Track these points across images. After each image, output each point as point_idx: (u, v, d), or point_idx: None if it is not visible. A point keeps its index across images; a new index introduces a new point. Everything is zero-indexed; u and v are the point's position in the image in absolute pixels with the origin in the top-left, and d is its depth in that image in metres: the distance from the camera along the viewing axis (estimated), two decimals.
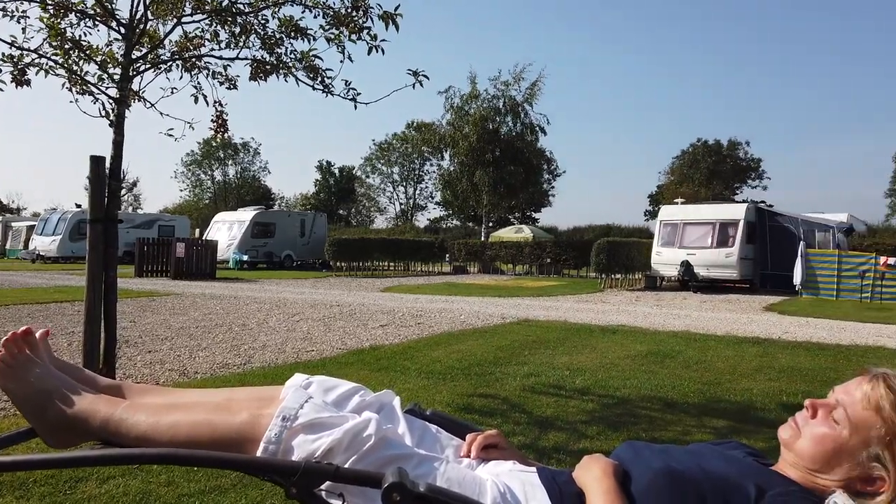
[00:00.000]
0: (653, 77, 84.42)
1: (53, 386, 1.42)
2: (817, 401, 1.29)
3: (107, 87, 4.37)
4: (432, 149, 33.08)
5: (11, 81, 4.23)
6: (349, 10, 4.23)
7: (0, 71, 4.16)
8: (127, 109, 4.37)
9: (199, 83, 4.76)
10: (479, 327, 9.20)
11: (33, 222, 31.47)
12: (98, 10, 4.26)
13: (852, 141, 79.01)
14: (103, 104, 4.40)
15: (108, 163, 4.10)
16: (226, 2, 4.41)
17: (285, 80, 4.61)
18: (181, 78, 4.82)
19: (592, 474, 1.30)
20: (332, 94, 4.35)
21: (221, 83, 4.92)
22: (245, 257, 26.41)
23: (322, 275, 23.85)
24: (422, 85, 4.19)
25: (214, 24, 4.53)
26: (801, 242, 17.59)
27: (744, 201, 20.90)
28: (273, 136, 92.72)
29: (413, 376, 5.69)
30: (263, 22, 4.48)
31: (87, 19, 4.34)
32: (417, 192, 62.33)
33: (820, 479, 1.23)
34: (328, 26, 4.38)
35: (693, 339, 8.41)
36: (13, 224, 34.43)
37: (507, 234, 32.63)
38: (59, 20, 4.23)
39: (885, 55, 73.95)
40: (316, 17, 4.36)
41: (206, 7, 4.40)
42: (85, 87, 4.36)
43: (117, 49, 4.52)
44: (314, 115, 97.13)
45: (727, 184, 50.96)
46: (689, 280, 18.46)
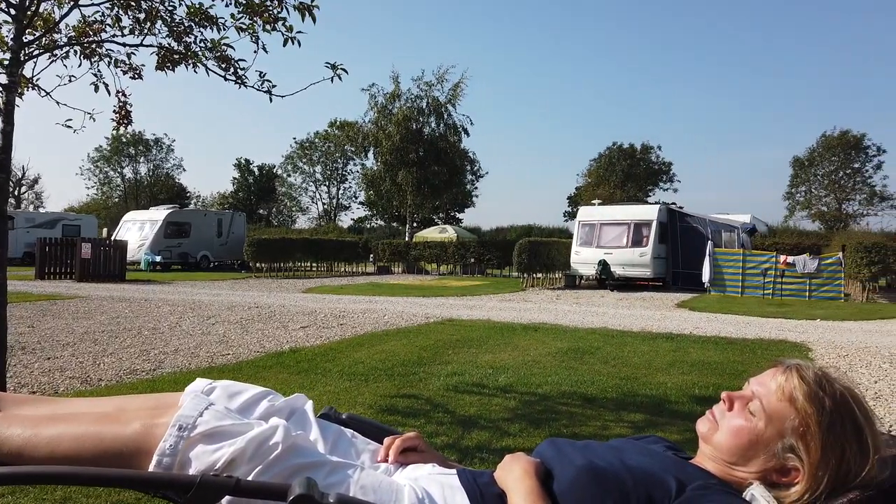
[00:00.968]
0: (570, 82, 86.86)
1: None
2: (734, 393, 1.29)
3: None
4: (356, 147, 32.75)
5: None
6: (263, 0, 4.06)
7: None
8: (18, 98, 4.03)
9: (99, 71, 4.46)
10: (403, 327, 9.12)
11: None
12: None
13: (754, 147, 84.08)
14: None
15: None
16: None
17: (195, 71, 4.37)
18: (80, 65, 4.50)
19: (514, 475, 1.26)
20: (246, 86, 4.15)
21: (125, 72, 4.62)
22: (158, 258, 25.26)
23: (241, 276, 23.11)
24: (340, 79, 4.06)
25: (116, 9, 4.24)
26: (709, 242, 18.46)
27: (656, 203, 21.76)
28: (189, 132, 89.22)
29: (334, 378, 5.55)
30: (171, 8, 4.23)
31: None
32: (341, 191, 61.53)
33: (738, 471, 1.23)
34: (240, 15, 4.19)
35: (610, 335, 8.64)
36: None
37: (431, 234, 32.66)
38: None
39: (784, 69, 79.09)
40: (228, 5, 4.16)
41: None
42: None
43: (7, 32, 4.16)
44: (232, 111, 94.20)
45: (641, 186, 52.97)
46: (606, 279, 19.02)
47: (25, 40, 3.98)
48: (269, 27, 4.13)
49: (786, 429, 1.18)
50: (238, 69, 4.18)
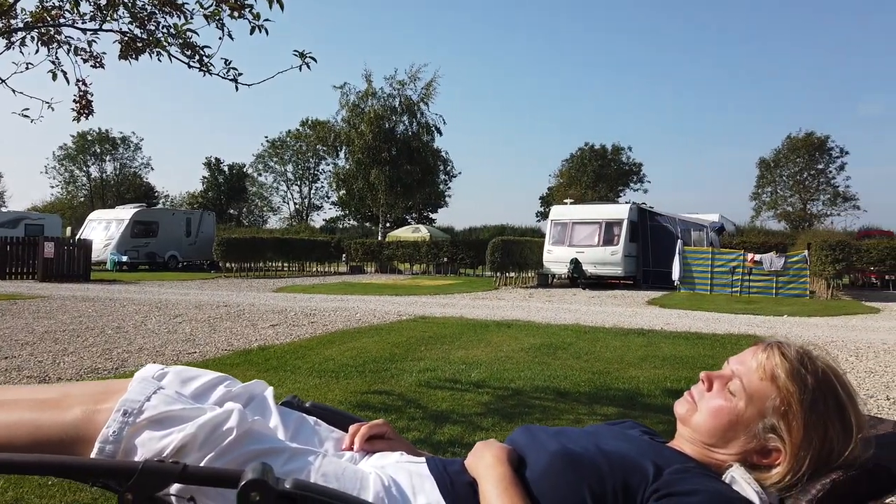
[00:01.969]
0: (542, 84, 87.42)
1: None
2: (713, 373, 1.25)
3: None
4: (328, 146, 32.46)
5: None
6: None
7: None
8: None
9: (58, 58, 4.29)
10: (376, 325, 9.02)
11: None
12: None
13: (722, 148, 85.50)
14: None
15: None
16: None
17: (158, 59, 4.23)
18: (37, 52, 4.33)
19: (485, 461, 1.20)
20: (211, 73, 4.03)
21: (85, 60, 4.46)
22: (124, 258, 24.71)
23: (210, 276, 22.72)
24: (309, 67, 3.96)
25: None
26: (679, 241, 18.67)
27: (627, 202, 21.93)
28: (158, 132, 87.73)
29: (304, 375, 5.44)
30: None
31: None
32: (313, 191, 61.01)
33: (717, 453, 1.18)
34: (209, 3, 4.06)
35: (583, 331, 8.65)
36: None
37: (404, 233, 32.51)
38: None
39: (752, 73, 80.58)
40: None
41: None
42: None
43: None
44: (202, 110, 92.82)
45: (612, 186, 53.48)
46: (578, 277, 19.12)
47: None
48: (236, 14, 4.02)
49: (767, 408, 1.14)
50: (203, 56, 4.05)
